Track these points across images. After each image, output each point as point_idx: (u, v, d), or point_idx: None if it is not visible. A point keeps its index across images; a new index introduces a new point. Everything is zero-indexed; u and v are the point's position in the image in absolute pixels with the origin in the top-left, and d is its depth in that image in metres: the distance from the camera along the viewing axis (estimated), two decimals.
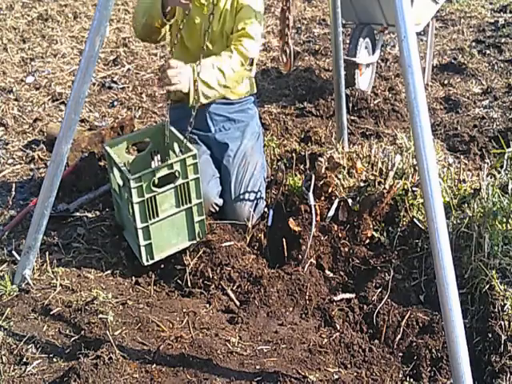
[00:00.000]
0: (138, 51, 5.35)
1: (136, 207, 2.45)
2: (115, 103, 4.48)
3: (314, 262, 2.75)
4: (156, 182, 2.49)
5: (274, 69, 5.16)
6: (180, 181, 2.53)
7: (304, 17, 6.43)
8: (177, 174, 2.52)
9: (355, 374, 2.17)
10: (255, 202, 2.92)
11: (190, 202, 2.59)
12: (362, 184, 2.99)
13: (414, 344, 2.33)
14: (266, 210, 3.00)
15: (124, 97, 4.58)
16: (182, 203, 2.58)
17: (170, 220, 2.57)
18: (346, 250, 2.79)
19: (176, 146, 2.69)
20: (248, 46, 2.79)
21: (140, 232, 2.50)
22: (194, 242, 2.67)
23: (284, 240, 2.80)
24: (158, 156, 2.88)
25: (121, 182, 2.57)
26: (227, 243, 2.67)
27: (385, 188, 2.90)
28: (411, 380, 2.22)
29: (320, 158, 3.08)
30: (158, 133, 2.81)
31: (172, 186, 2.52)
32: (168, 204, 2.55)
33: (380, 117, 4.31)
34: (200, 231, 2.67)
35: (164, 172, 2.49)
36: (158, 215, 2.52)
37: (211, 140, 3.02)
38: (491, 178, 3.02)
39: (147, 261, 2.57)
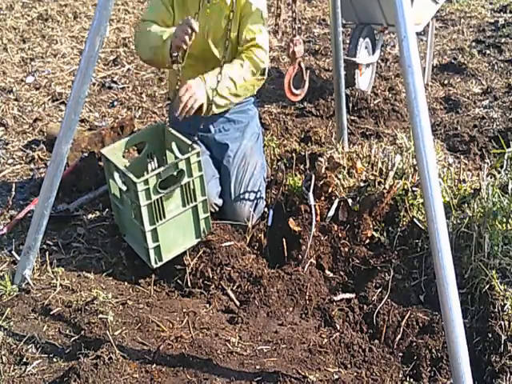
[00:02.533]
0: None
1: (144, 210, 2.44)
2: (115, 103, 4.48)
3: (314, 262, 2.75)
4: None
5: (274, 69, 5.16)
6: (185, 179, 2.53)
7: (304, 17, 6.43)
8: (174, 173, 2.52)
9: (355, 373, 2.17)
10: (255, 202, 2.92)
11: (195, 200, 2.60)
12: (362, 184, 2.99)
13: (414, 344, 2.33)
14: (266, 209, 2.99)
15: (124, 97, 4.58)
16: (188, 202, 2.58)
17: (176, 220, 2.57)
18: (346, 249, 2.79)
19: (174, 145, 2.68)
20: (260, 56, 2.81)
21: (148, 235, 2.49)
22: (200, 239, 2.67)
23: (284, 240, 2.80)
24: (155, 158, 2.87)
25: (123, 187, 2.56)
26: (227, 243, 2.67)
27: (385, 188, 2.90)
28: (411, 380, 2.22)
29: (320, 158, 3.08)
30: (154, 134, 2.80)
31: (178, 185, 2.52)
32: (174, 204, 2.55)
33: (380, 117, 4.31)
34: (205, 228, 2.67)
35: (170, 172, 2.49)
36: (164, 216, 2.52)
37: (211, 140, 3.02)
38: (491, 178, 3.02)
39: (156, 263, 2.56)
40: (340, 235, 2.82)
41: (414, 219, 2.77)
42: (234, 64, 2.77)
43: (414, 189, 2.87)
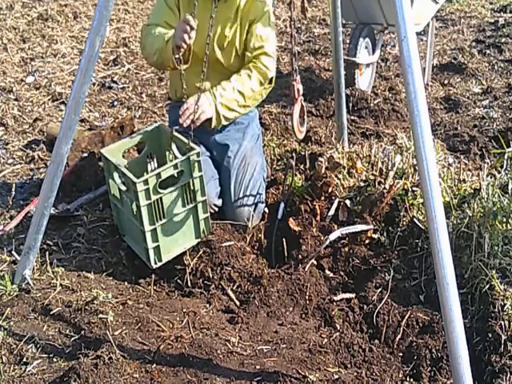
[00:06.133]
0: (137, 51, 5.35)
1: (143, 210, 2.44)
2: (115, 103, 4.48)
3: (314, 262, 2.75)
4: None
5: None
6: (185, 179, 2.53)
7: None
8: (175, 174, 2.52)
9: (355, 373, 2.17)
10: (255, 202, 2.92)
11: (195, 200, 2.59)
12: (362, 184, 2.99)
13: (414, 344, 2.33)
14: (266, 209, 2.99)
15: (124, 97, 4.59)
16: (188, 202, 2.58)
17: (175, 220, 2.56)
18: (346, 249, 2.79)
19: (174, 146, 2.68)
20: (268, 64, 2.82)
21: (148, 235, 2.49)
22: (200, 240, 2.67)
23: (284, 240, 2.80)
24: (155, 158, 2.87)
25: (123, 187, 2.55)
26: (227, 243, 2.67)
27: (385, 188, 2.90)
28: (411, 380, 2.22)
29: (320, 158, 3.08)
30: (154, 134, 2.80)
31: (178, 185, 2.52)
32: (174, 204, 2.55)
33: (380, 117, 4.31)
34: (205, 229, 2.68)
35: (170, 172, 2.49)
36: (164, 216, 2.52)
37: (211, 141, 3.02)
38: (491, 177, 3.02)
39: (155, 263, 2.56)
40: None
41: (414, 219, 2.77)
42: (242, 76, 2.78)
43: (414, 189, 2.87)
